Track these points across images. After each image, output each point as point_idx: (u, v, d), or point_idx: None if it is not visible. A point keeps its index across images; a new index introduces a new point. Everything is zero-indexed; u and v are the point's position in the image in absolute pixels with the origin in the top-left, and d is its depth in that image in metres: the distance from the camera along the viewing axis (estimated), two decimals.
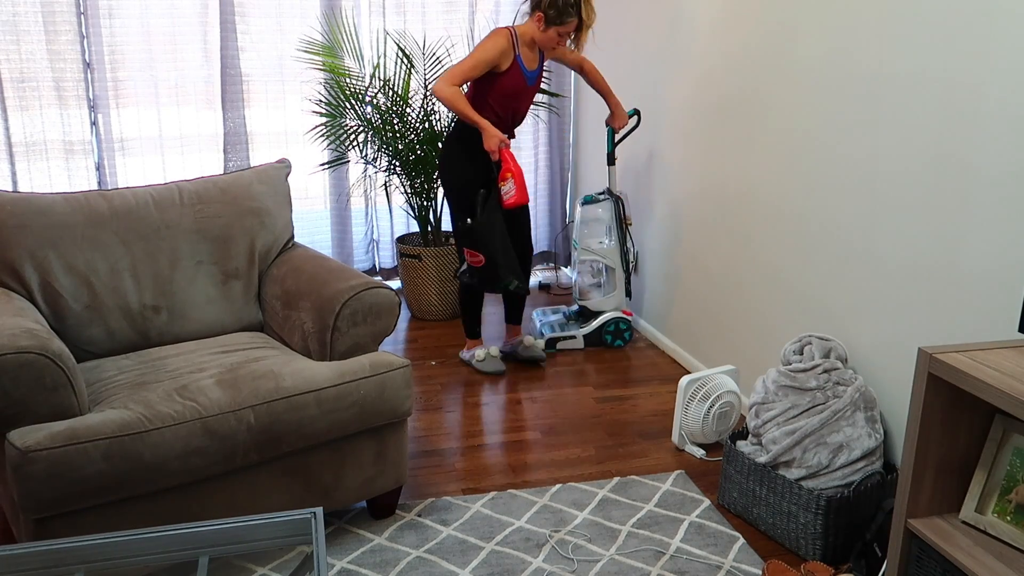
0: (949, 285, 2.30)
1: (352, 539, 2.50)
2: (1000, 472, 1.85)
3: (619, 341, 3.98)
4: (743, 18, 3.15)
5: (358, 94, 4.15)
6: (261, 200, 2.83)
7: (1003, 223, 2.12)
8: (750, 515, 2.59)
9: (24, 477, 1.93)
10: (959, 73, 2.22)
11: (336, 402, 2.32)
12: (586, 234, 3.89)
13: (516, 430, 3.21)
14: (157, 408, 2.12)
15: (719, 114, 3.37)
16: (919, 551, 1.92)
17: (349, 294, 2.47)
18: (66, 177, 4.19)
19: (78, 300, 2.51)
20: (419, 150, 4.18)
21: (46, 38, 3.98)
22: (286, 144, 4.51)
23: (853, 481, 2.39)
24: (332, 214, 4.64)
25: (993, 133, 2.13)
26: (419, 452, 3.03)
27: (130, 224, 2.62)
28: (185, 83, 4.26)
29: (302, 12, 4.33)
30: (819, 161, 2.80)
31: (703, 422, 2.99)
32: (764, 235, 3.13)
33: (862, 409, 2.44)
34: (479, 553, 2.44)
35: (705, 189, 3.52)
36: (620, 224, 3.87)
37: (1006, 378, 1.67)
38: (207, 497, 2.21)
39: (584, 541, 2.51)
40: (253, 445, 2.20)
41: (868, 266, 2.60)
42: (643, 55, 3.99)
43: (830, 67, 2.71)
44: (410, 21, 4.51)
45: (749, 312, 3.26)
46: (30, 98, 4.03)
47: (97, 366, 2.45)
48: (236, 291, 2.78)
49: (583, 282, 3.99)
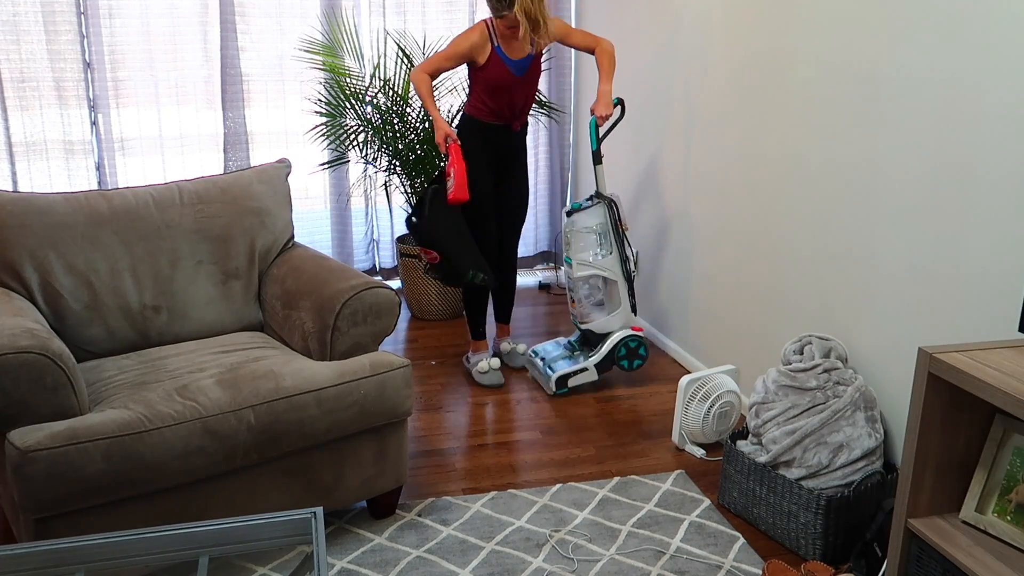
0: (949, 285, 2.30)
1: (352, 539, 2.51)
2: (1000, 472, 1.85)
3: (637, 361, 3.51)
4: (743, 20, 3.15)
5: (358, 94, 4.15)
6: (261, 200, 2.83)
7: (1003, 223, 2.12)
8: (750, 515, 2.59)
9: (24, 477, 1.93)
10: (960, 75, 2.22)
11: (336, 402, 2.32)
12: (580, 247, 3.43)
13: (516, 430, 3.21)
14: (157, 408, 2.12)
15: (719, 113, 3.37)
16: (919, 551, 1.92)
17: (349, 294, 2.47)
18: (66, 177, 4.19)
19: (78, 300, 2.51)
20: (419, 150, 4.18)
21: (46, 38, 3.98)
22: (286, 144, 4.51)
23: (853, 481, 2.39)
24: (332, 214, 4.64)
25: (994, 134, 2.13)
26: (419, 452, 3.03)
27: (130, 224, 2.62)
28: (185, 83, 4.26)
29: (302, 12, 4.33)
30: (819, 162, 2.80)
31: (703, 422, 2.99)
32: (764, 234, 3.13)
33: (862, 409, 2.44)
34: (479, 553, 2.44)
35: (705, 189, 3.52)
36: (616, 229, 3.43)
37: (1006, 378, 1.67)
38: (207, 497, 2.21)
39: (584, 541, 2.51)
40: (253, 445, 2.20)
41: (868, 266, 2.60)
42: (643, 53, 3.99)
43: (828, 69, 2.71)
44: (410, 21, 4.51)
45: (749, 312, 3.26)
46: (30, 98, 4.03)
47: (97, 366, 2.45)
48: (236, 291, 2.78)
49: (582, 302, 3.52)
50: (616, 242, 3.42)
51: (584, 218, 3.40)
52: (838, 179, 2.71)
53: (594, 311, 3.52)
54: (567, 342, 3.65)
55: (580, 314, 3.52)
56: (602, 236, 3.40)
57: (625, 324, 3.49)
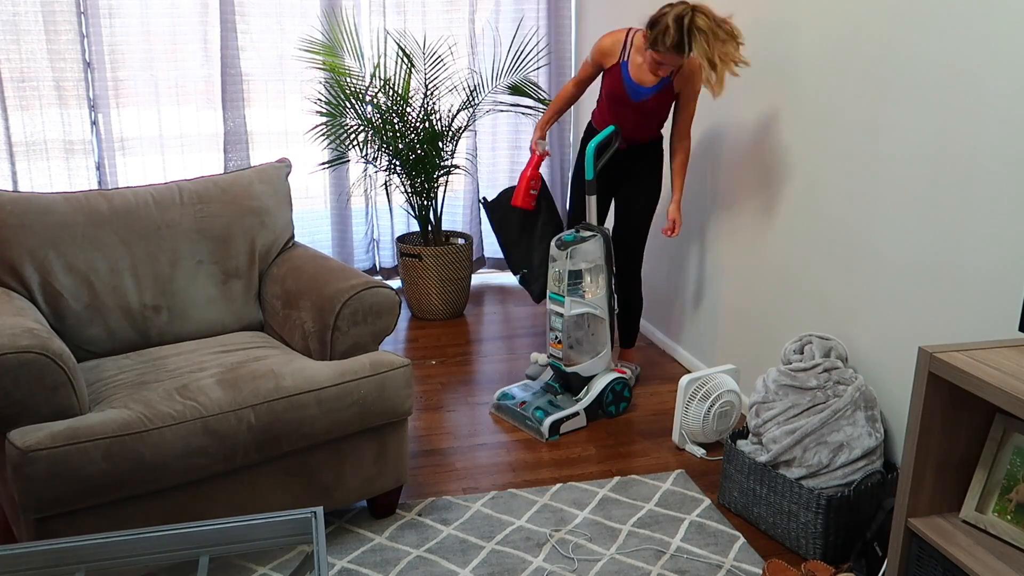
0: (950, 284, 2.30)
1: (352, 538, 2.51)
2: (1000, 471, 1.85)
3: (623, 404, 3.31)
4: (742, 16, 3.15)
5: (358, 93, 4.15)
6: (261, 199, 2.83)
7: (1004, 222, 2.12)
8: (750, 514, 2.59)
9: (24, 477, 1.93)
10: (961, 71, 2.22)
11: (336, 401, 2.32)
12: (574, 283, 3.14)
13: (516, 429, 3.20)
14: (157, 408, 2.12)
15: (717, 113, 3.37)
16: (919, 550, 1.92)
17: (349, 293, 2.47)
18: (66, 177, 4.19)
19: (78, 300, 2.51)
20: (419, 149, 4.18)
21: (46, 38, 3.98)
22: (286, 143, 4.51)
23: (853, 480, 2.39)
24: (332, 214, 4.64)
25: (995, 132, 2.13)
26: (419, 451, 3.03)
27: (130, 224, 2.62)
28: (185, 82, 4.26)
29: (302, 11, 4.33)
30: (819, 160, 2.79)
31: (703, 421, 2.99)
32: (764, 234, 3.13)
33: (862, 408, 2.44)
34: (479, 552, 2.44)
35: (705, 188, 3.52)
36: (610, 264, 3.20)
37: (1007, 377, 1.67)
38: (207, 497, 2.21)
39: (584, 540, 2.51)
40: (253, 444, 2.20)
41: (869, 265, 2.60)
42: None
43: (825, 63, 2.70)
44: (410, 20, 4.52)
45: (749, 311, 3.26)
46: (30, 98, 4.03)
47: (97, 366, 2.45)
48: (236, 291, 2.78)
49: (575, 345, 3.21)
50: (606, 277, 3.22)
51: (585, 252, 3.13)
52: (839, 178, 2.71)
53: (580, 353, 3.22)
54: (536, 386, 3.37)
55: (568, 357, 3.21)
56: (596, 271, 3.18)
57: (609, 366, 3.31)
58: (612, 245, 3.21)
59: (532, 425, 3.17)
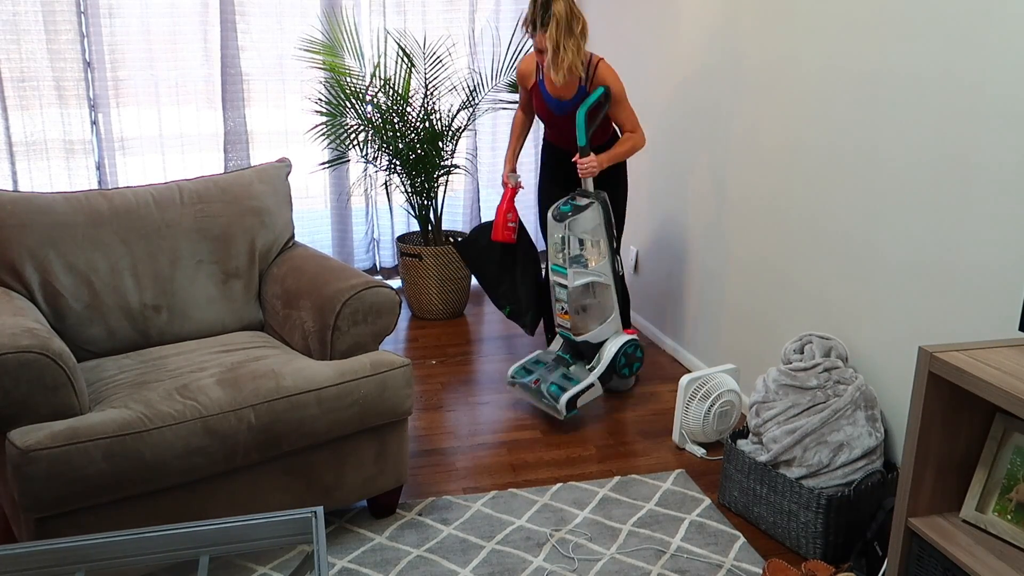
0: (950, 284, 2.30)
1: (353, 538, 2.51)
2: (1000, 471, 1.85)
3: (636, 364, 3.31)
4: (740, 17, 3.15)
5: (358, 93, 4.15)
6: (261, 199, 2.83)
7: (1004, 222, 2.12)
8: (751, 514, 2.59)
9: (25, 477, 1.93)
10: (960, 71, 2.22)
11: (337, 401, 2.32)
12: (576, 253, 3.17)
13: (517, 429, 3.20)
14: (158, 407, 2.12)
15: (717, 112, 3.37)
16: (919, 550, 1.92)
17: (350, 293, 2.47)
18: (66, 176, 4.19)
19: (78, 299, 2.51)
20: (419, 149, 4.18)
21: (46, 37, 3.98)
22: (286, 143, 4.51)
23: (854, 480, 2.39)
24: (332, 213, 4.64)
25: (995, 132, 2.13)
26: (420, 451, 3.03)
27: (130, 223, 2.62)
28: (185, 82, 4.26)
29: (302, 11, 4.33)
30: (819, 159, 2.79)
31: (703, 421, 2.99)
32: (764, 234, 3.13)
33: (863, 408, 2.44)
34: (480, 552, 2.44)
35: (705, 188, 3.52)
36: (610, 229, 3.21)
37: (1007, 377, 1.67)
38: (207, 497, 2.21)
39: (585, 540, 2.51)
40: (254, 444, 2.20)
41: (869, 265, 2.60)
42: (638, 51, 3.98)
43: (828, 65, 2.70)
44: (410, 20, 4.51)
45: (749, 311, 3.26)
46: (30, 97, 4.03)
47: (97, 365, 2.45)
48: (236, 290, 2.78)
49: (580, 313, 3.24)
50: (607, 243, 3.21)
51: (583, 222, 3.13)
52: (838, 178, 2.71)
53: (589, 320, 3.26)
54: (547, 359, 3.36)
55: (576, 326, 3.24)
56: (596, 238, 3.19)
57: (618, 329, 3.32)
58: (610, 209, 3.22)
59: (548, 403, 3.16)
